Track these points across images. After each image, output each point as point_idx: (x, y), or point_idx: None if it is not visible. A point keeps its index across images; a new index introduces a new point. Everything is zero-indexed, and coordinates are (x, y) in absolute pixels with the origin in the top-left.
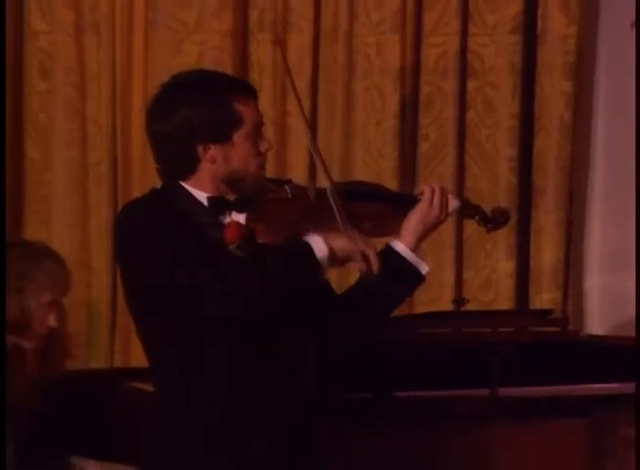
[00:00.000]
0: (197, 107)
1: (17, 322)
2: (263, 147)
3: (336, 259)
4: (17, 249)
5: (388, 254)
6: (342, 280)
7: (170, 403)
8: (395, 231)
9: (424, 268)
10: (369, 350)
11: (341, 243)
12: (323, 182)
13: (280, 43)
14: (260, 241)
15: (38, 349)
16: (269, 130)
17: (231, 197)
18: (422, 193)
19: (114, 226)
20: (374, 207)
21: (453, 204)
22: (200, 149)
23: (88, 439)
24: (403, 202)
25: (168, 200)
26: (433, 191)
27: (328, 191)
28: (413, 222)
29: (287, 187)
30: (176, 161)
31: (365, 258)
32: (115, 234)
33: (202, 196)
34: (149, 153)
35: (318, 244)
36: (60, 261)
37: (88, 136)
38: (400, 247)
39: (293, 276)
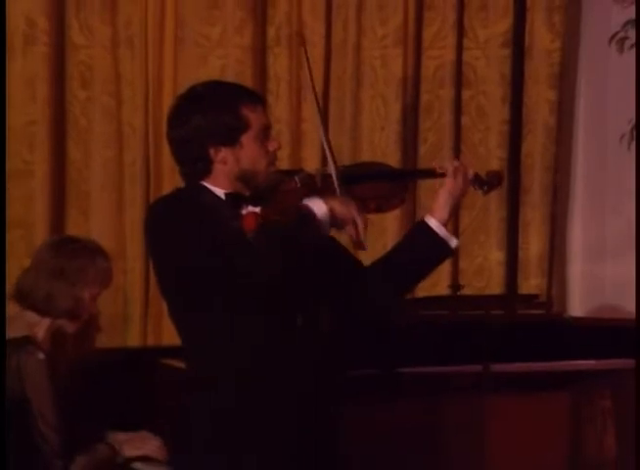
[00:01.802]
0: (207, 114)
1: (70, 310)
2: (272, 146)
3: (335, 221)
4: (70, 245)
5: (422, 228)
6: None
7: (201, 376)
8: (398, 205)
9: (453, 242)
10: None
11: (337, 205)
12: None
13: (300, 38)
14: None
15: (78, 332)
16: (285, 134)
17: (246, 192)
18: (441, 167)
19: (145, 219)
20: (376, 186)
21: (470, 174)
22: (212, 152)
23: (123, 411)
24: (404, 177)
25: (192, 195)
26: (455, 167)
27: (332, 173)
28: (443, 198)
29: (296, 177)
30: (193, 163)
31: (355, 226)
32: (147, 226)
33: (220, 192)
34: None
35: (318, 204)
36: (108, 258)
37: (123, 138)
38: (433, 222)
39: (303, 237)
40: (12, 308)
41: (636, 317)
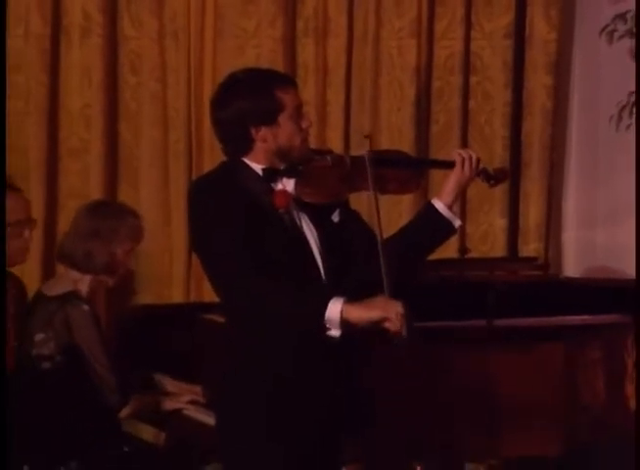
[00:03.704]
0: (247, 98)
1: (107, 266)
2: (304, 124)
3: (352, 325)
4: (101, 208)
5: (430, 210)
6: None
7: (239, 333)
8: (414, 189)
9: (457, 222)
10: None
11: (357, 315)
12: (357, 153)
13: (369, 137)
14: (306, 201)
15: (117, 285)
16: (312, 116)
17: (281, 167)
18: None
19: (189, 193)
20: (397, 171)
21: (477, 163)
22: (252, 131)
23: (169, 359)
24: (422, 166)
25: (232, 174)
26: (463, 158)
27: (365, 158)
28: (450, 185)
29: (328, 157)
30: (235, 141)
31: (388, 321)
32: (190, 199)
33: (258, 168)
34: None
35: (334, 310)
36: (137, 217)
37: (168, 120)
38: (439, 205)
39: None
40: (58, 268)
41: (636, 278)
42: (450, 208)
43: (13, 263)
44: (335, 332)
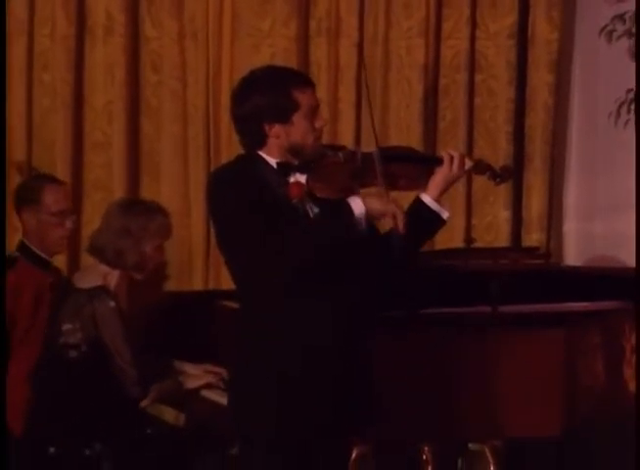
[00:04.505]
0: (264, 95)
1: (136, 263)
2: (318, 124)
3: (372, 216)
4: (132, 206)
5: (418, 204)
6: None
7: (256, 317)
8: (423, 186)
9: (445, 214)
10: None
11: (375, 204)
12: (367, 148)
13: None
14: (318, 196)
15: (147, 279)
16: (324, 112)
17: (295, 162)
18: (440, 155)
19: (208, 184)
20: (407, 167)
21: (468, 164)
22: (266, 127)
23: (189, 345)
24: (429, 162)
25: (248, 165)
26: (451, 156)
27: (374, 155)
28: (437, 180)
29: (340, 153)
30: (250, 135)
31: (394, 217)
32: (209, 190)
33: (272, 161)
34: (233, 129)
35: (357, 204)
36: (166, 215)
37: (188, 116)
38: (427, 199)
39: (339, 230)
40: (88, 260)
41: (636, 267)
42: (438, 201)
43: (53, 253)
44: (362, 226)
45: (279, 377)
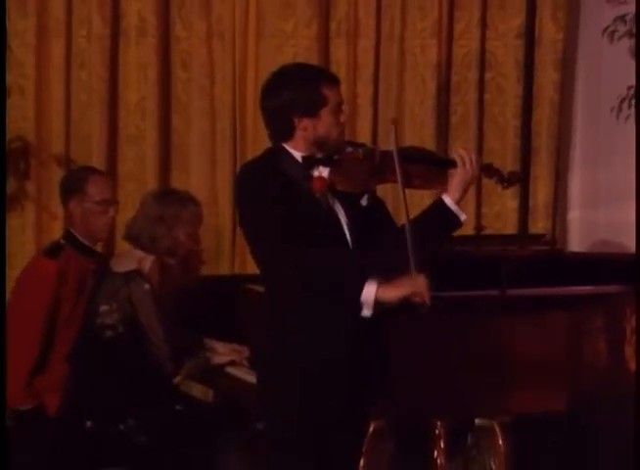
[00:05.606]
0: (294, 90)
1: (169, 249)
2: (342, 119)
3: (385, 305)
4: (167, 196)
5: (440, 204)
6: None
7: (277, 302)
8: (438, 186)
9: (462, 216)
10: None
11: (390, 293)
12: (385, 146)
13: (394, 122)
14: (338, 189)
15: (180, 264)
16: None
17: (319, 155)
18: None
19: (235, 179)
20: (422, 167)
21: (479, 160)
22: (295, 121)
23: (217, 325)
24: (443, 164)
25: (274, 160)
26: (461, 157)
27: (394, 154)
28: (456, 182)
29: (360, 150)
30: (279, 128)
31: (417, 296)
32: (237, 182)
33: (297, 155)
34: (258, 123)
35: (369, 291)
36: (197, 204)
37: (215, 111)
38: (448, 200)
39: (342, 291)
40: (122, 245)
41: (636, 252)
42: (458, 203)
43: (97, 240)
44: (367, 312)
45: (301, 373)
